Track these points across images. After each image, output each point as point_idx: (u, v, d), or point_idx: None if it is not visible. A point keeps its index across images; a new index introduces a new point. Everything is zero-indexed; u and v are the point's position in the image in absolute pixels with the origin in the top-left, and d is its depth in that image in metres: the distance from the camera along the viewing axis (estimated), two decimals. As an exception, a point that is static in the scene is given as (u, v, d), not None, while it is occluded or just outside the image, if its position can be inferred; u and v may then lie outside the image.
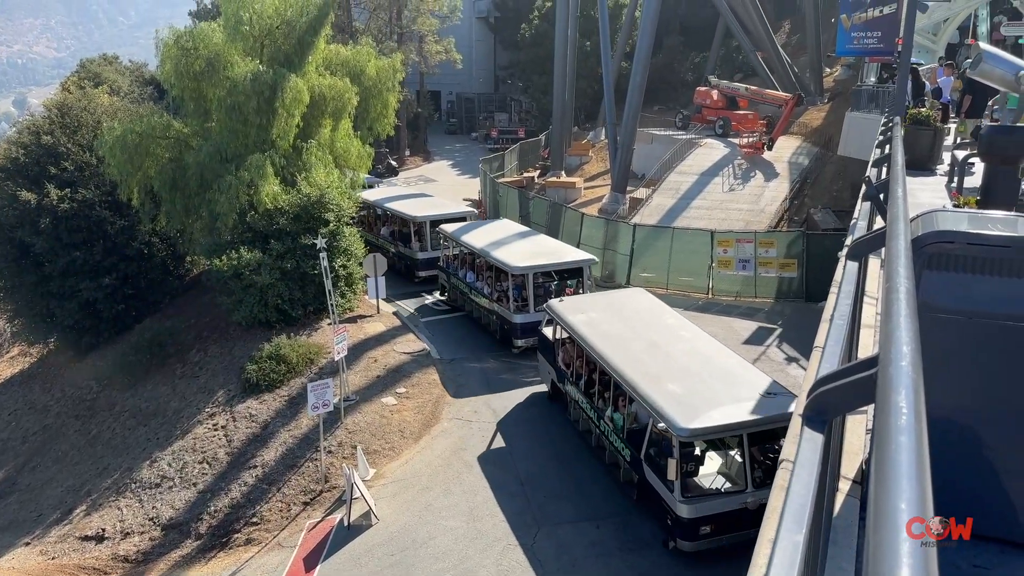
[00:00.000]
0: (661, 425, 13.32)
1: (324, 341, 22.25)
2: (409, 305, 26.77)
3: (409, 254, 28.88)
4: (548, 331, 19.12)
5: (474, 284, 24.23)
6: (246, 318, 23.61)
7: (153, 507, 18.26)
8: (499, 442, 17.93)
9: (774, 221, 29.80)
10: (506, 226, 26.52)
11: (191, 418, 20.80)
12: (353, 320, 24.25)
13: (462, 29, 57.91)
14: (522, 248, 23.30)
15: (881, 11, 16.12)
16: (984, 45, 6.31)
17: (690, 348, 15.82)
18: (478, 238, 24.52)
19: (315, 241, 20.51)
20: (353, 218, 25.97)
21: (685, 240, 26.82)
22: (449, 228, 26.25)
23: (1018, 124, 5.64)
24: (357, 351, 21.98)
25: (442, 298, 26.77)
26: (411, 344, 23.04)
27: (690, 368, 14.83)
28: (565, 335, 17.99)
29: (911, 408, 1.79)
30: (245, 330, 23.89)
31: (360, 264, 24.95)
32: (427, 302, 27.16)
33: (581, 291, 21.95)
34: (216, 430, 19.92)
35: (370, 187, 33.56)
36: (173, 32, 25.23)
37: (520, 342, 21.70)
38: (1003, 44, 30.67)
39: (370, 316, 24.88)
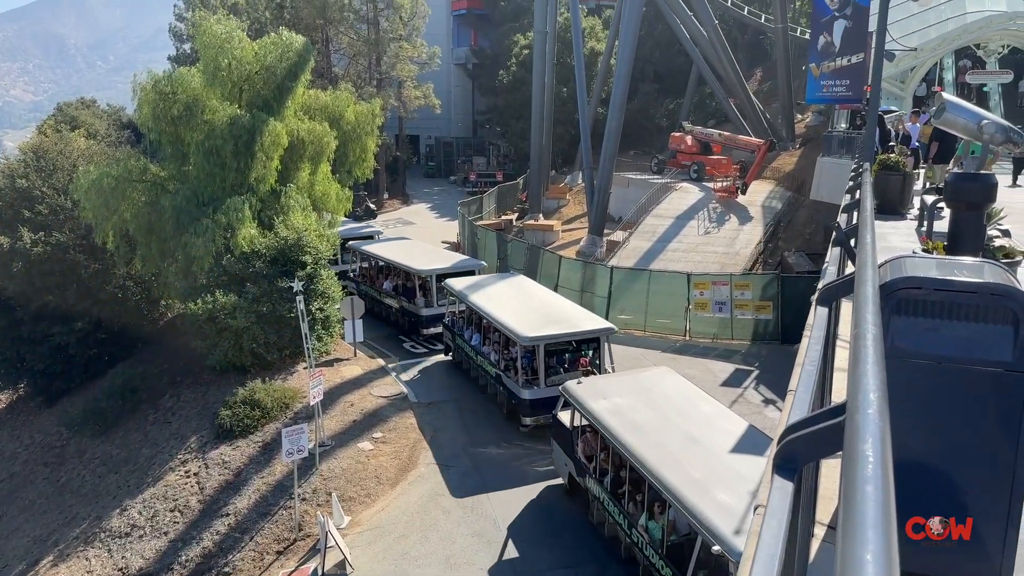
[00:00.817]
0: (716, 548, 10.80)
1: (300, 385, 22.02)
2: (412, 371, 24.48)
3: (413, 310, 27.16)
4: (564, 416, 16.80)
5: (480, 348, 21.98)
6: (220, 362, 23.34)
7: (123, 557, 17.80)
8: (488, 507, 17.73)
9: (749, 264, 30.13)
10: (519, 284, 24.44)
11: (163, 465, 20.40)
12: (330, 364, 24.05)
13: (441, 75, 58.63)
14: (534, 312, 20.96)
15: (849, 60, 16.57)
16: (947, 95, 6.51)
17: (735, 444, 13.69)
18: (485, 297, 22.44)
19: (292, 284, 20.42)
20: (355, 271, 26.27)
21: (662, 282, 27.02)
22: (456, 284, 24.04)
23: (982, 171, 5.78)
24: (333, 395, 21.77)
25: (447, 358, 24.86)
26: (388, 387, 22.87)
27: (740, 471, 12.60)
28: (585, 423, 15.87)
29: (878, 457, 1.80)
30: (219, 374, 23.61)
31: (337, 307, 24.84)
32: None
33: (599, 363, 19.90)
34: (188, 477, 19.54)
35: (370, 238, 32.46)
36: (151, 76, 25.31)
37: (528, 420, 19.35)
38: (968, 90, 31.59)
39: (347, 359, 24.71)
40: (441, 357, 25.17)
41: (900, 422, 4.52)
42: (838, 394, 4.86)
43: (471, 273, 25.17)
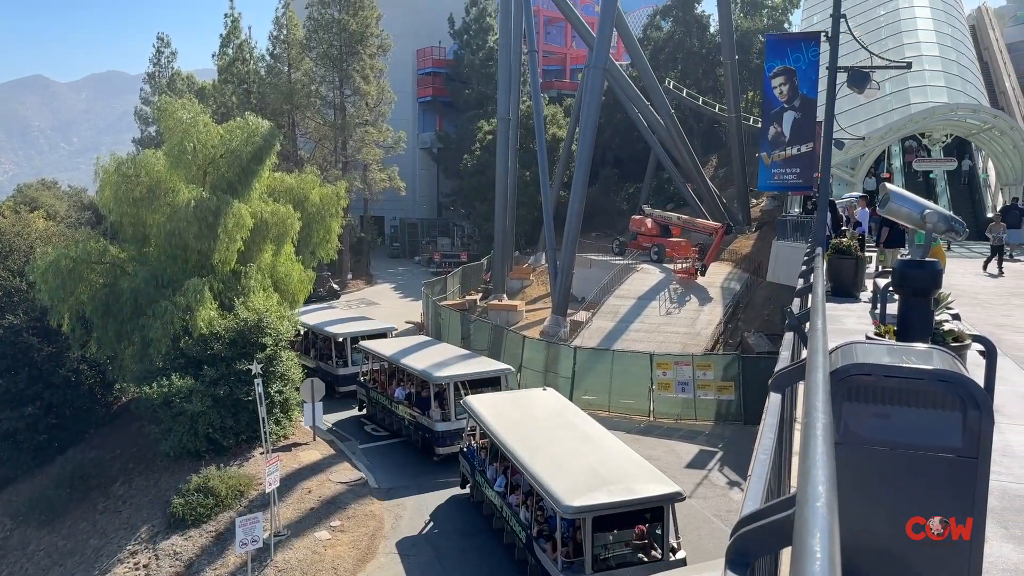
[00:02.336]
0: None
1: (256, 472, 21.43)
2: (373, 454, 24.04)
3: (427, 423, 22.95)
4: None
5: (508, 500, 17.98)
6: (175, 448, 22.70)
7: (62, 658, 16.83)
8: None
9: (710, 344, 30.41)
10: (560, 411, 24.81)
11: (111, 557, 19.53)
12: (287, 448, 23.51)
13: (406, 158, 59.51)
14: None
15: (799, 149, 17.24)
16: (890, 186, 6.79)
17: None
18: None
19: (250, 367, 20.10)
20: (365, 374, 26.56)
21: (625, 362, 27.11)
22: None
23: (927, 259, 5.98)
24: (290, 481, 21.20)
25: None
26: (347, 473, 22.34)
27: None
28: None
29: (825, 553, 1.81)
30: (173, 461, 22.92)
31: (297, 389, 24.45)
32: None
33: (661, 535, 19.03)
34: (137, 570, 18.72)
35: (382, 335, 29.41)
36: (115, 159, 25.34)
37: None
38: (915, 176, 32.89)
39: (306, 444, 24.17)
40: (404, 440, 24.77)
41: (857, 507, 4.55)
42: (796, 479, 4.86)
43: (496, 382, 22.52)
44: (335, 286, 49.04)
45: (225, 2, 53.88)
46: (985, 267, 19.30)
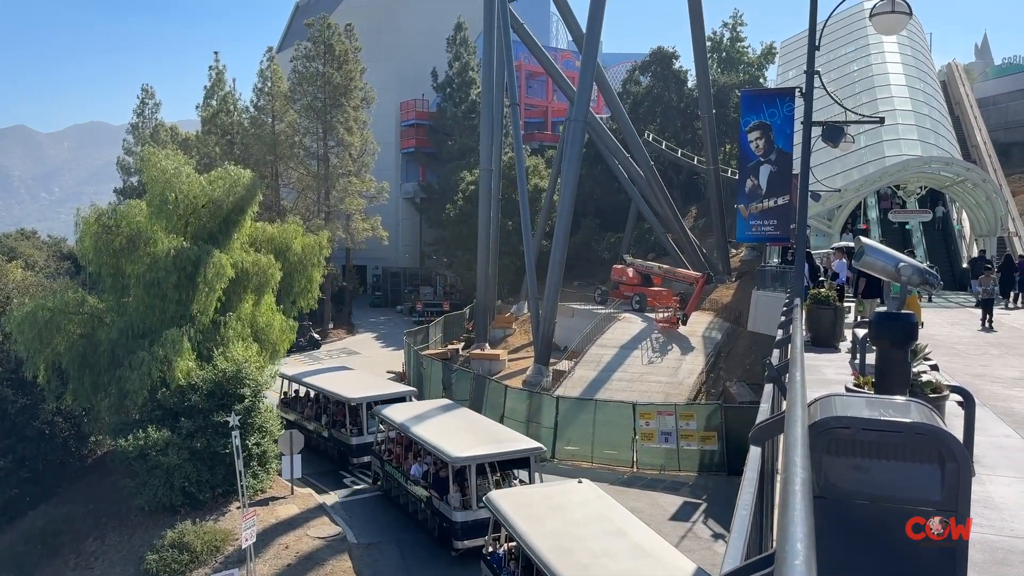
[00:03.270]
0: None
1: (232, 526, 20.99)
2: (352, 508, 23.44)
3: (444, 511, 20.18)
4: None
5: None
6: (149, 502, 22.24)
7: None
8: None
9: (692, 393, 30.39)
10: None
11: (80, 617, 18.95)
12: (265, 502, 23.07)
13: (389, 208, 59.78)
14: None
15: (775, 202, 17.53)
16: (865, 240, 6.90)
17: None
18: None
19: (228, 418, 19.84)
20: (380, 444, 23.91)
21: (608, 412, 26.99)
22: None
23: (902, 311, 6.05)
24: (267, 537, 20.76)
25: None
26: (325, 528, 21.92)
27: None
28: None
29: (804, 614, 1.80)
30: (148, 515, 22.43)
31: (275, 441, 24.12)
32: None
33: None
34: (107, 630, 18.15)
35: (401, 399, 26.61)
36: (95, 209, 25.31)
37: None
38: (891, 226, 33.41)
39: (283, 497, 23.74)
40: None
41: (841, 562, 4.52)
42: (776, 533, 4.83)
43: (526, 462, 20.63)
44: (316, 335, 48.76)
45: (210, 55, 54.49)
46: (985, 324, 17.82)
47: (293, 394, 31.73)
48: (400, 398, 26.56)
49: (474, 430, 21.88)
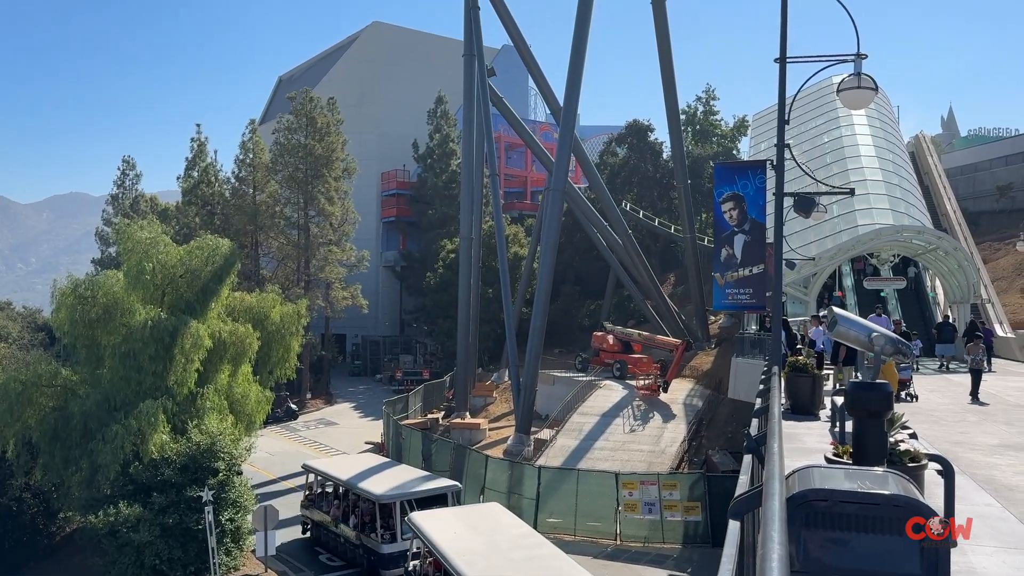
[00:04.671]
0: None
1: (205, 606, 20.29)
2: None
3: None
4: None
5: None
6: (119, 581, 21.48)
7: None
8: None
9: (675, 462, 30.12)
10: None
11: None
12: (239, 580, 22.38)
13: (369, 276, 59.91)
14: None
15: (750, 271, 17.77)
16: (837, 310, 6.99)
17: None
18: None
19: (201, 493, 19.38)
20: (414, 562, 19.85)
21: (590, 482, 26.63)
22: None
23: (877, 381, 6.09)
24: (241, 616, 20.07)
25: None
26: (302, 606, 21.24)
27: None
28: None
29: None
30: (116, 595, 21.63)
31: (249, 516, 23.52)
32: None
33: None
34: None
35: (442, 497, 23.02)
36: (71, 280, 25.13)
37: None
38: (867, 294, 33.83)
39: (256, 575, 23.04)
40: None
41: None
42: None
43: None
44: (293, 406, 48.14)
45: (192, 126, 55.10)
46: (974, 396, 17.20)
47: (319, 489, 27.48)
48: (440, 495, 22.73)
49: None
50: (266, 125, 61.73)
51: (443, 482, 23.98)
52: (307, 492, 27.64)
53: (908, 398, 16.75)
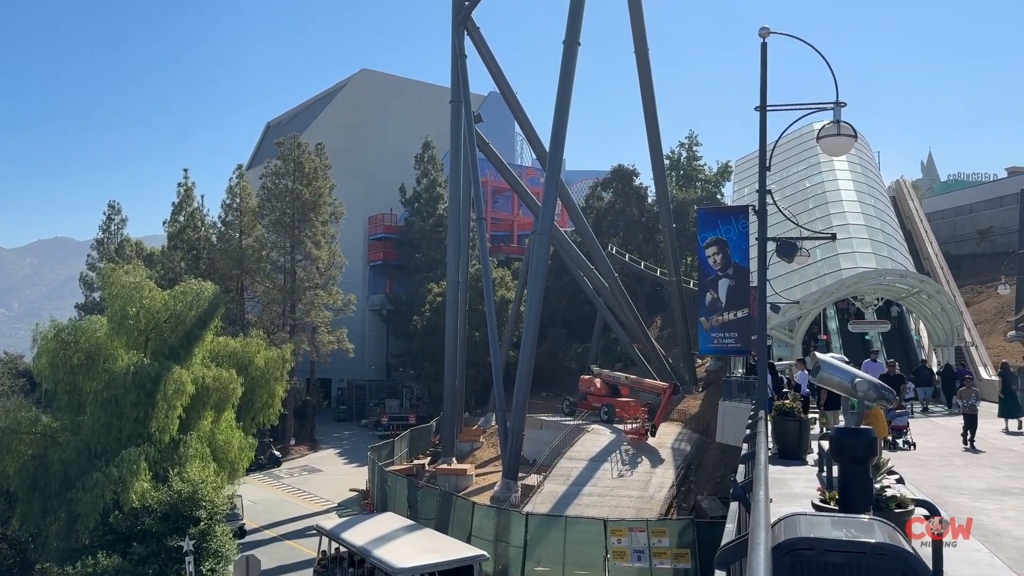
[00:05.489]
0: None
1: (184, 660, 19.75)
2: None
3: None
4: None
5: None
6: (94, 636, 20.89)
7: None
8: None
9: (664, 508, 29.85)
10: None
11: None
12: (220, 633, 21.83)
13: (356, 320, 59.71)
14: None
15: (735, 315, 17.87)
16: (821, 356, 7.03)
17: None
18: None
19: (182, 543, 19.00)
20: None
21: (579, 529, 26.28)
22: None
23: (861, 427, 6.09)
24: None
25: None
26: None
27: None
28: None
29: None
30: (92, 651, 21.01)
31: (231, 567, 23.03)
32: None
33: None
34: None
35: (467, 569, 21.20)
36: (54, 325, 24.92)
37: None
38: (852, 337, 33.98)
39: (240, 627, 22.47)
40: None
41: None
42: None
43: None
44: (277, 452, 47.54)
45: (179, 171, 55.34)
46: (966, 442, 16.99)
47: (334, 553, 25.03)
48: (466, 567, 21.11)
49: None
50: (254, 170, 62.00)
51: (468, 551, 22.19)
52: (320, 557, 25.49)
53: (906, 446, 16.31)
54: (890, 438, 15.47)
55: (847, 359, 21.12)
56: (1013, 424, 20.18)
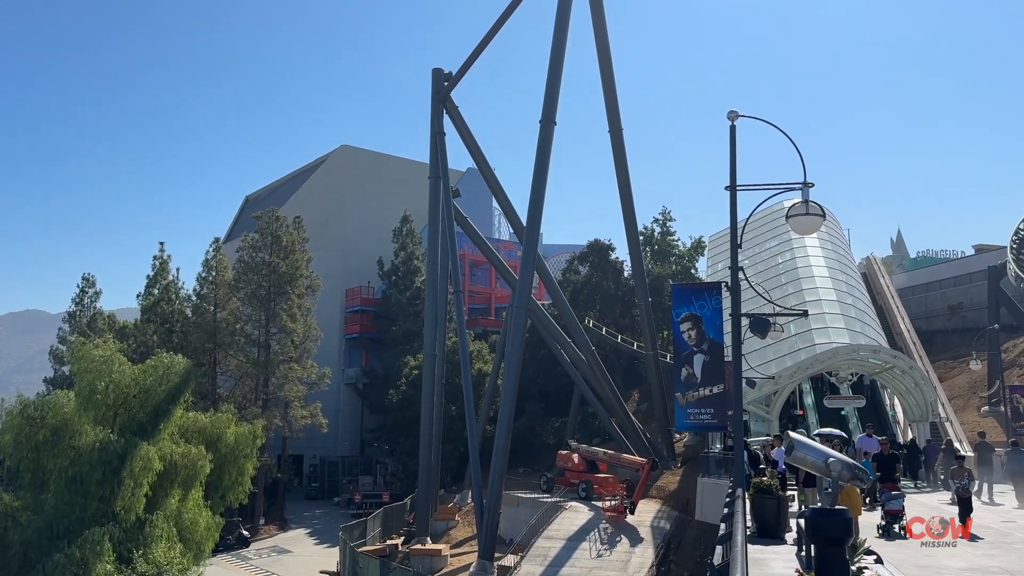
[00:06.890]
0: None
1: None
2: None
3: None
4: None
5: None
6: None
7: None
8: None
9: (643, 589, 29.18)
10: None
11: None
12: None
13: (330, 394, 58.94)
14: None
15: (711, 390, 17.90)
16: (794, 435, 7.03)
17: None
18: None
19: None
20: None
21: (555, 613, 25.57)
22: None
23: (837, 507, 6.05)
24: None
25: None
26: None
27: None
28: None
29: None
30: None
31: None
32: None
33: None
34: None
35: None
36: (20, 400, 24.42)
37: None
38: (828, 412, 34.05)
39: None
40: None
41: None
42: None
43: None
44: (245, 532, 46.14)
45: (155, 244, 55.17)
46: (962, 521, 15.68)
47: None
48: None
49: None
50: (231, 243, 61.99)
51: None
52: None
53: (902, 532, 14.72)
54: (883, 523, 15.02)
55: (845, 435, 21.08)
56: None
